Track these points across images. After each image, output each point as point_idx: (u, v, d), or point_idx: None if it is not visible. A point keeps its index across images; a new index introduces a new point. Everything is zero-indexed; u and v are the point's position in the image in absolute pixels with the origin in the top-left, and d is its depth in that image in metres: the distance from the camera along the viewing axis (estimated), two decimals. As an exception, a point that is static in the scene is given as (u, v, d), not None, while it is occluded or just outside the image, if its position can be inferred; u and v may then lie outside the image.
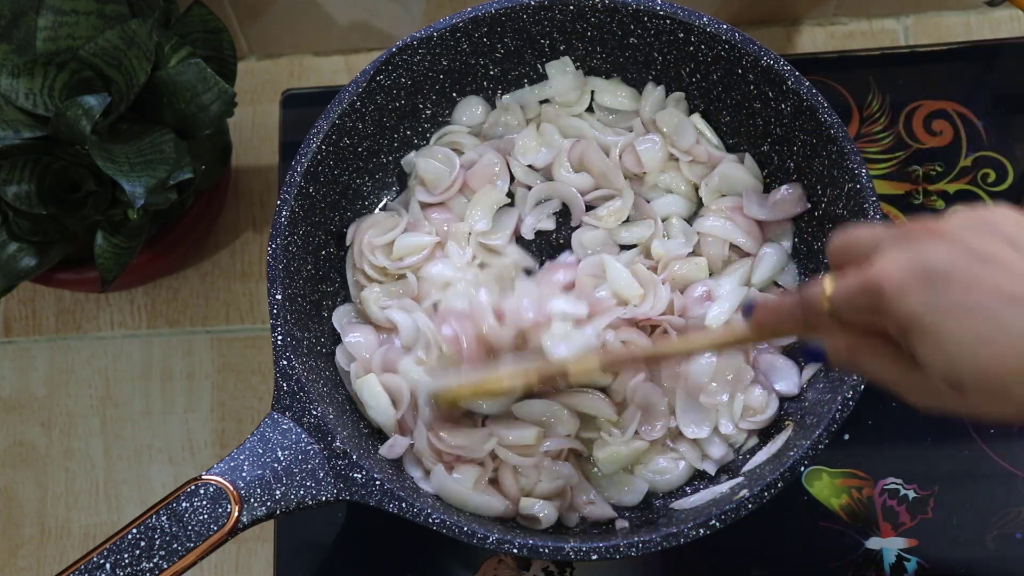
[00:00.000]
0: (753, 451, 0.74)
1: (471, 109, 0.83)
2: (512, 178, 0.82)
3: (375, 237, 0.78)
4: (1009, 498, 0.79)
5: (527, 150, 0.81)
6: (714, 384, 0.74)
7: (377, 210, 0.82)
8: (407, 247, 0.78)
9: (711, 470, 0.74)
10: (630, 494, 0.74)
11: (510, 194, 0.82)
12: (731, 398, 0.74)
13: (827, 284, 0.51)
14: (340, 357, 0.77)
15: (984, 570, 0.77)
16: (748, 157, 0.80)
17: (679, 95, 0.82)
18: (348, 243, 0.79)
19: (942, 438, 0.81)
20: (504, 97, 0.83)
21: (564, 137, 0.82)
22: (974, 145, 0.88)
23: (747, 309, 0.58)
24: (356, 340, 0.76)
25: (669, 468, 0.74)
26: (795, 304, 0.54)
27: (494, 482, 0.73)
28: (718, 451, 0.74)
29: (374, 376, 0.74)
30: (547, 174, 0.82)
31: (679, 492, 0.75)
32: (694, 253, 0.79)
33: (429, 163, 0.80)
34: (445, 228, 0.80)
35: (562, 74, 0.82)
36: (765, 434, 0.75)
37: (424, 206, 0.81)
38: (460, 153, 0.82)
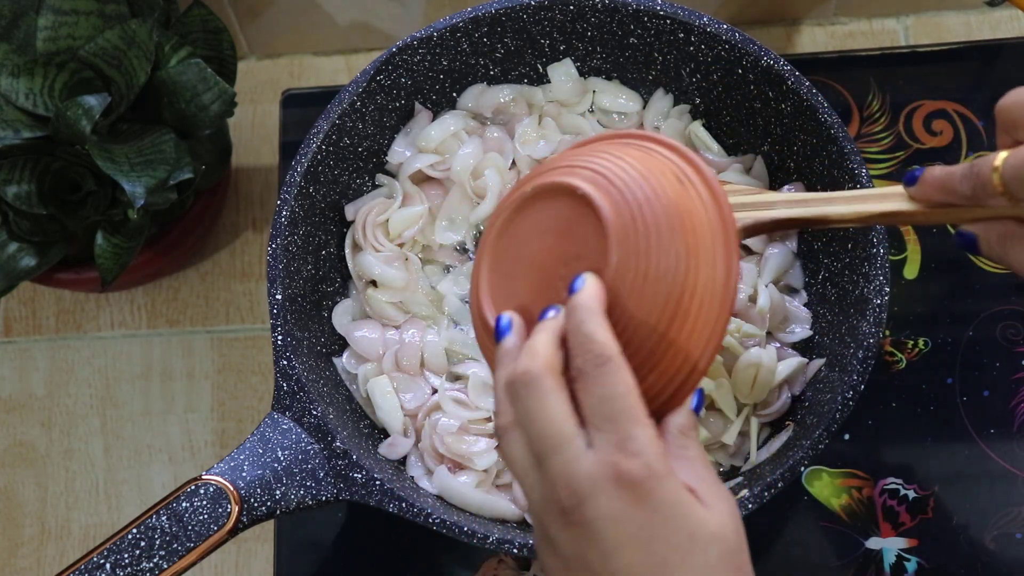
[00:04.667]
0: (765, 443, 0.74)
1: (476, 93, 0.83)
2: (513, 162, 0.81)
3: (376, 216, 0.78)
4: (1009, 498, 0.79)
5: (527, 139, 0.81)
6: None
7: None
8: (402, 221, 0.78)
9: (740, 463, 0.74)
10: None
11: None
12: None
13: (999, 156, 0.48)
14: (346, 361, 0.77)
15: (984, 570, 0.77)
16: (759, 160, 0.80)
17: (684, 107, 0.82)
18: (350, 219, 0.79)
19: (942, 438, 0.81)
20: (506, 90, 0.83)
21: (563, 133, 0.82)
22: (974, 145, 0.88)
23: (911, 178, 0.53)
24: (363, 336, 0.76)
25: None
26: (964, 176, 0.49)
27: (501, 485, 0.73)
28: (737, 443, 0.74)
29: (386, 377, 0.75)
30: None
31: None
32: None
33: (439, 131, 0.80)
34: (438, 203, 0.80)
35: (564, 78, 0.82)
36: (777, 425, 0.75)
37: (420, 180, 0.81)
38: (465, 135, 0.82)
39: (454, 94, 0.82)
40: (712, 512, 0.45)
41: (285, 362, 0.69)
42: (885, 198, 0.57)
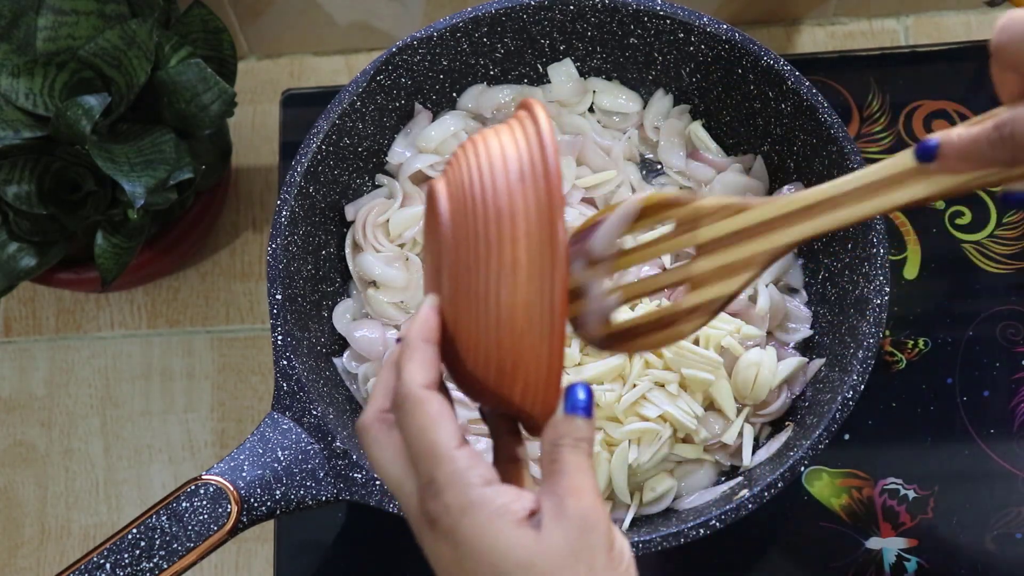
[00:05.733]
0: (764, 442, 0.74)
1: (476, 94, 0.83)
2: None
3: (377, 217, 0.78)
4: (1009, 498, 0.79)
5: None
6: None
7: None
8: (402, 221, 0.78)
9: (740, 463, 0.74)
10: (656, 504, 0.73)
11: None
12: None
13: None
14: (346, 361, 0.77)
15: (984, 570, 0.77)
16: (759, 160, 0.80)
17: (684, 107, 0.82)
18: (350, 220, 0.79)
19: (942, 438, 0.81)
20: (506, 90, 0.83)
21: (563, 133, 0.82)
22: (974, 145, 0.88)
23: (927, 152, 0.46)
24: (363, 335, 0.76)
25: (695, 470, 0.74)
26: (994, 142, 0.44)
27: None
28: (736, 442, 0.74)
29: None
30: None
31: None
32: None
33: (439, 131, 0.80)
34: None
35: (564, 78, 0.82)
36: (777, 425, 0.75)
37: (420, 180, 0.81)
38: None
39: (454, 94, 0.82)
40: (537, 537, 0.43)
41: (285, 362, 0.69)
42: (901, 183, 0.48)
